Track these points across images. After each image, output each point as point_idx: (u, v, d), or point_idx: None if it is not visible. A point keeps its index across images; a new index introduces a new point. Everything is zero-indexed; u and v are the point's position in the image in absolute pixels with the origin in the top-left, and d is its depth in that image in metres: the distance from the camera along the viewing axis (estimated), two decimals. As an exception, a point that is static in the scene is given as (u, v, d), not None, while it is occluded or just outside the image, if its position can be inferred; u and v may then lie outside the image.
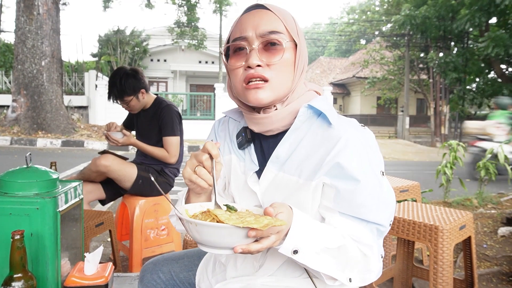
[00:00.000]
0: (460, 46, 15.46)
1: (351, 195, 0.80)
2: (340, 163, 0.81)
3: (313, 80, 27.41)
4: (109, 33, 20.13)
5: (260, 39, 0.84)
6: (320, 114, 0.88)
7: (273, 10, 0.86)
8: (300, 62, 0.88)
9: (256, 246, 0.69)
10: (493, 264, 2.53)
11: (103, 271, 1.19)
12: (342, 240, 0.79)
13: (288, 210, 0.75)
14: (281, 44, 0.84)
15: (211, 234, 0.68)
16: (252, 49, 0.84)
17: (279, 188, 0.87)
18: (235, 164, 0.96)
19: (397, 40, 19.50)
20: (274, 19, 0.85)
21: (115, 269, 2.09)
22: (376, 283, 1.95)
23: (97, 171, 2.20)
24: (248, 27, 0.85)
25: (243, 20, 0.87)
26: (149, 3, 14.20)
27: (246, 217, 0.71)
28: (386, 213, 0.83)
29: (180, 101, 15.37)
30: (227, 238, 0.68)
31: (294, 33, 0.87)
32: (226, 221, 0.67)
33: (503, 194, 4.37)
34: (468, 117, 19.52)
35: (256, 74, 0.83)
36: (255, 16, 0.86)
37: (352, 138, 0.82)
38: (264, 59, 0.84)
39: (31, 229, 1.13)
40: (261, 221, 0.67)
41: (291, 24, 0.87)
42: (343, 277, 0.80)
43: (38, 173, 1.20)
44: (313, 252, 0.76)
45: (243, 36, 0.85)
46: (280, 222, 0.67)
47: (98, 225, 1.96)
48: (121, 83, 2.23)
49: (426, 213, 1.86)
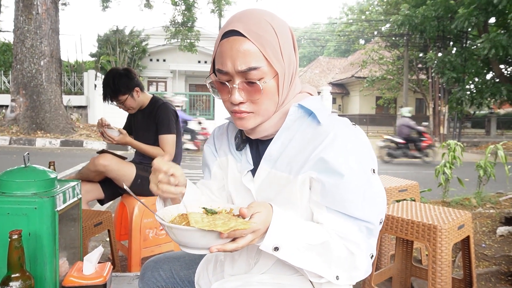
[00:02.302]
0: (459, 46, 15.47)
1: (335, 189, 0.82)
2: (324, 158, 0.82)
3: (312, 80, 27.43)
4: (108, 33, 20.11)
5: (240, 77, 0.83)
6: (311, 113, 0.89)
7: (251, 38, 0.80)
8: (286, 82, 0.87)
9: (231, 246, 0.73)
10: (492, 263, 2.53)
11: (101, 271, 1.19)
12: (326, 236, 0.80)
13: (267, 209, 0.78)
14: (261, 80, 0.82)
15: (186, 236, 0.74)
16: (232, 87, 0.84)
17: (271, 185, 0.90)
18: (232, 165, 0.99)
19: (396, 40, 19.52)
20: (251, 52, 0.80)
21: (114, 269, 2.09)
22: (374, 282, 1.95)
23: (95, 170, 2.20)
24: (227, 60, 0.82)
25: (222, 48, 0.83)
26: (148, 3, 14.17)
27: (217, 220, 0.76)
28: (374, 210, 0.83)
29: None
30: (201, 240, 0.73)
31: (275, 59, 0.83)
32: (194, 224, 0.72)
33: (501, 194, 4.37)
34: (467, 117, 19.60)
35: (238, 110, 0.86)
36: (233, 48, 0.81)
37: (340, 134, 0.84)
38: (245, 96, 0.85)
39: (29, 228, 1.13)
40: (228, 224, 0.72)
41: (271, 48, 0.82)
42: (330, 274, 0.81)
43: (36, 173, 1.20)
44: (294, 248, 0.78)
45: (223, 70, 0.84)
46: (244, 226, 0.71)
47: (96, 224, 1.96)
48: (114, 83, 2.23)
49: (424, 213, 1.86)
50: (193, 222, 0.72)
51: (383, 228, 1.87)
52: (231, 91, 0.85)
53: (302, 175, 0.85)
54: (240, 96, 0.84)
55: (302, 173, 0.85)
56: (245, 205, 0.93)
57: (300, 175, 0.85)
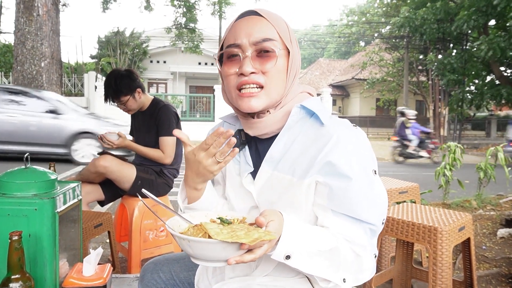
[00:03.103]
0: (459, 48, 15.49)
1: (343, 192, 0.82)
2: (331, 161, 0.82)
3: (312, 82, 27.44)
4: (109, 35, 20.15)
5: (253, 47, 0.84)
6: (313, 114, 0.90)
7: (267, 17, 0.86)
8: (293, 68, 0.89)
9: (249, 257, 0.70)
10: (492, 265, 2.53)
11: (101, 272, 1.19)
12: (334, 241, 0.80)
13: (279, 217, 0.76)
14: (274, 51, 0.84)
15: (204, 249, 0.70)
16: (245, 56, 0.85)
17: (274, 187, 0.89)
18: (230, 167, 0.98)
19: (396, 42, 19.54)
20: (267, 26, 0.86)
21: (114, 270, 2.09)
22: (375, 284, 1.95)
23: (96, 172, 2.20)
24: (242, 34, 0.85)
25: (236, 27, 0.87)
26: (148, 5, 14.20)
27: (237, 230, 0.72)
28: (377, 211, 0.84)
29: (180, 102, 15.38)
30: (221, 252, 0.69)
31: (287, 40, 0.88)
32: (216, 236, 0.68)
33: (502, 196, 4.37)
34: (467, 119, 19.58)
35: (250, 81, 0.84)
36: (249, 23, 0.86)
37: (343, 136, 0.84)
38: (257, 66, 0.85)
39: (29, 230, 1.13)
40: (252, 235, 0.69)
41: (284, 31, 0.87)
42: (337, 278, 0.81)
43: (37, 174, 1.20)
44: (305, 256, 0.77)
45: (236, 43, 0.85)
46: (269, 236, 0.69)
47: (97, 226, 1.96)
48: (116, 83, 2.24)
49: (425, 215, 1.86)
50: (214, 234, 0.69)
51: (384, 230, 1.86)
52: (242, 62, 0.85)
53: (309, 179, 0.84)
54: (252, 65, 0.84)
55: (309, 177, 0.84)
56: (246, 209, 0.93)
57: (306, 180, 0.84)
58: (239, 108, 0.89)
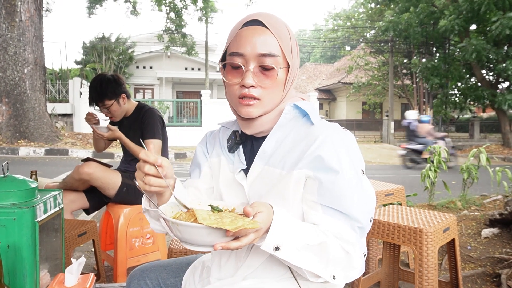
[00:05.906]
0: (442, 52, 15.81)
1: (332, 185, 0.84)
2: (320, 155, 0.86)
3: (299, 86, 27.63)
4: (94, 40, 19.94)
5: (256, 61, 0.88)
6: (305, 115, 0.94)
7: (271, 29, 0.89)
8: (291, 78, 0.94)
9: (235, 244, 0.73)
10: (477, 265, 2.56)
11: (84, 282, 1.16)
12: (323, 237, 0.81)
13: (268, 208, 0.78)
14: (275, 69, 0.88)
15: (192, 233, 0.74)
16: (247, 70, 0.88)
17: (264, 181, 0.92)
18: (223, 165, 1.01)
19: (381, 46, 19.85)
20: (270, 41, 0.88)
21: (99, 280, 2.05)
22: (363, 287, 1.95)
23: (80, 179, 2.16)
24: (246, 44, 0.88)
25: (241, 35, 0.89)
26: (134, 10, 14.13)
27: (224, 218, 0.76)
28: (365, 208, 0.86)
29: (167, 108, 15.28)
30: (207, 237, 0.73)
31: (288, 53, 0.91)
32: (202, 221, 0.72)
33: (486, 196, 4.44)
34: (451, 121, 19.96)
35: (248, 94, 0.89)
36: (254, 35, 0.88)
37: (332, 135, 0.88)
38: (257, 80, 0.89)
39: (7, 240, 1.10)
40: (237, 222, 0.72)
41: (286, 44, 0.91)
42: (326, 274, 0.82)
43: (16, 183, 1.17)
44: (294, 248, 0.79)
45: (240, 52, 0.88)
46: (253, 225, 0.72)
47: (80, 234, 1.92)
48: (101, 86, 2.22)
49: (410, 217, 1.87)
50: (201, 219, 0.73)
51: (370, 232, 1.87)
52: (244, 74, 0.89)
53: (297, 171, 0.87)
54: (253, 79, 0.88)
55: (297, 169, 0.87)
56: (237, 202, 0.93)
57: (294, 171, 0.87)
58: (238, 113, 0.94)
